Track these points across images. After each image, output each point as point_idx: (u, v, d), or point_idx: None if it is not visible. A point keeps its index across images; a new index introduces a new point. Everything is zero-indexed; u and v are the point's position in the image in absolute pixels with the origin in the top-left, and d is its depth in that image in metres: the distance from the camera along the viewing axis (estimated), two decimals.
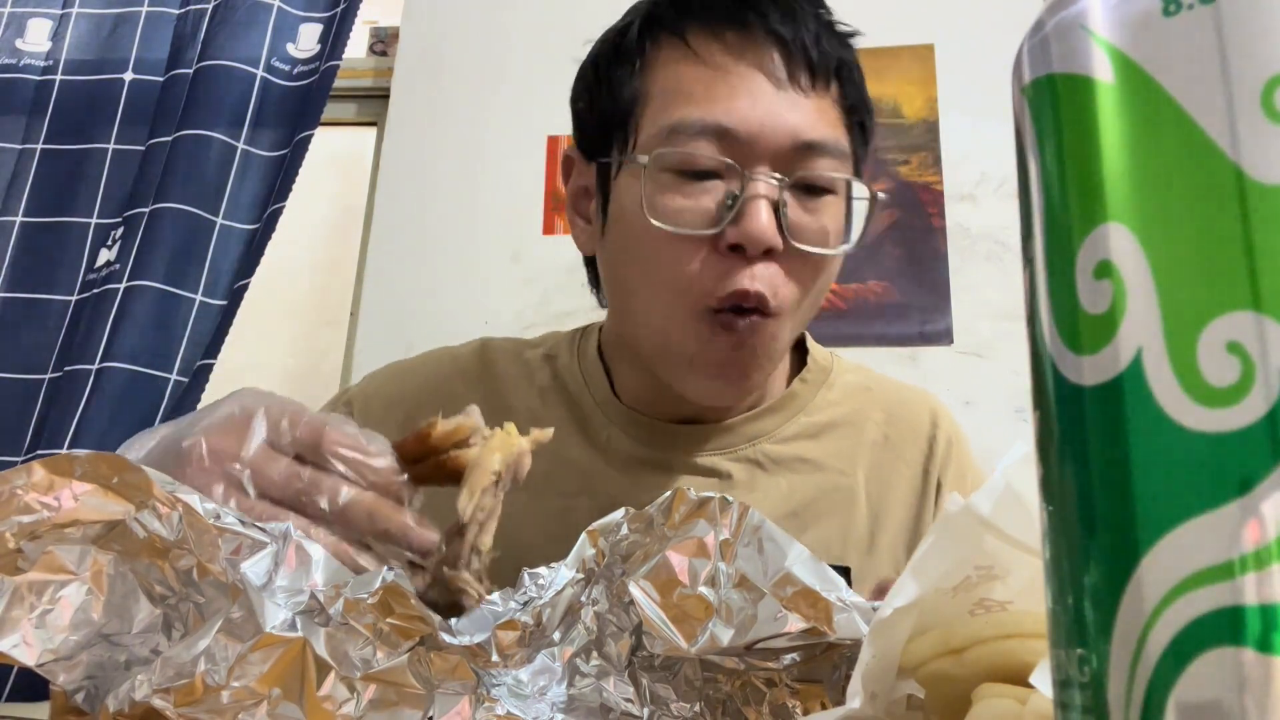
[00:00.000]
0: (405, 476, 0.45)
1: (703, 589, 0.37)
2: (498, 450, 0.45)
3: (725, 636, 0.36)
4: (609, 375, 0.78)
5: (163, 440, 0.45)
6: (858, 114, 0.72)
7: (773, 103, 0.66)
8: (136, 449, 0.45)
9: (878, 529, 0.74)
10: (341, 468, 0.44)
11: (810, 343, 0.82)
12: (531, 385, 0.80)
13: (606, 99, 0.72)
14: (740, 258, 0.65)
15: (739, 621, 0.37)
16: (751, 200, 0.64)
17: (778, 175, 0.65)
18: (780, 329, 0.68)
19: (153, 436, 0.46)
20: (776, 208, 0.64)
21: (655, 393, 0.75)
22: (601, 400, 0.78)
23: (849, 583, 0.70)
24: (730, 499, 0.39)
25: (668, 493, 0.40)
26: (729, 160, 0.65)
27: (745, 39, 0.67)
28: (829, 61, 0.69)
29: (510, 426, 0.48)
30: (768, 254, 0.65)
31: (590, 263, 0.80)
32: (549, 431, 0.49)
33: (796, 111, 0.66)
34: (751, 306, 0.65)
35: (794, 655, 0.37)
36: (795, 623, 0.36)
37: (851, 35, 0.73)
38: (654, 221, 0.65)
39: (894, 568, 0.73)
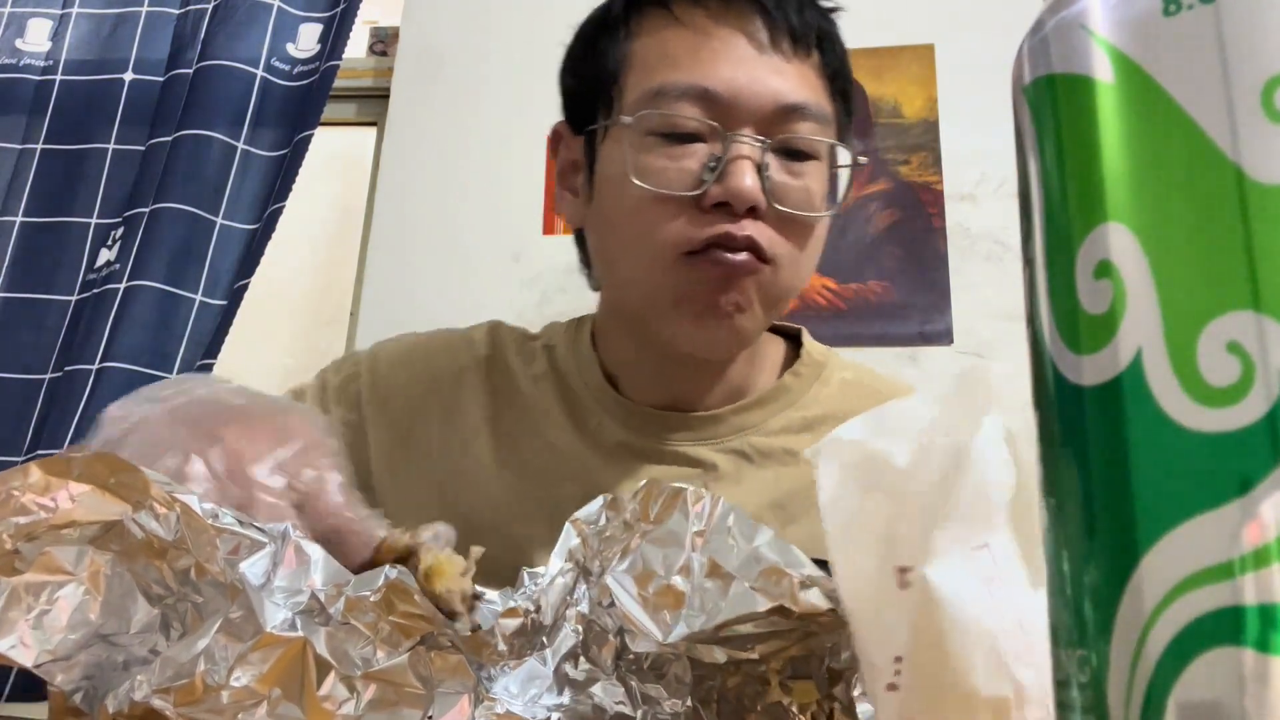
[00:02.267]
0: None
1: (676, 578, 0.37)
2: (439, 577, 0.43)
3: (698, 623, 0.37)
4: (601, 363, 0.79)
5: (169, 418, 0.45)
6: (840, 81, 0.73)
7: (755, 66, 0.67)
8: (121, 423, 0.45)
9: None
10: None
11: (806, 337, 0.82)
12: (529, 372, 0.80)
13: (591, 69, 0.73)
14: (724, 214, 0.65)
15: (709, 607, 0.37)
16: (734, 161, 0.65)
17: (761, 137, 0.66)
18: (775, 279, 0.68)
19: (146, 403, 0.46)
20: (759, 169, 0.65)
21: (644, 372, 0.76)
22: (593, 385, 0.78)
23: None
24: (704, 491, 0.39)
25: (641, 483, 0.40)
26: (712, 122, 0.66)
27: (728, 5, 0.69)
28: (810, 30, 0.70)
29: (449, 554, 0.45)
30: (751, 213, 0.66)
31: (580, 243, 0.80)
32: (479, 550, 0.45)
33: (779, 75, 0.68)
34: (740, 246, 0.66)
35: (767, 644, 0.37)
36: (762, 603, 0.36)
37: (833, 10, 0.74)
38: (636, 181, 0.66)
39: None
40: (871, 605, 0.33)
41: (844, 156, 0.73)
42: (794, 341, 0.82)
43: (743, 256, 0.66)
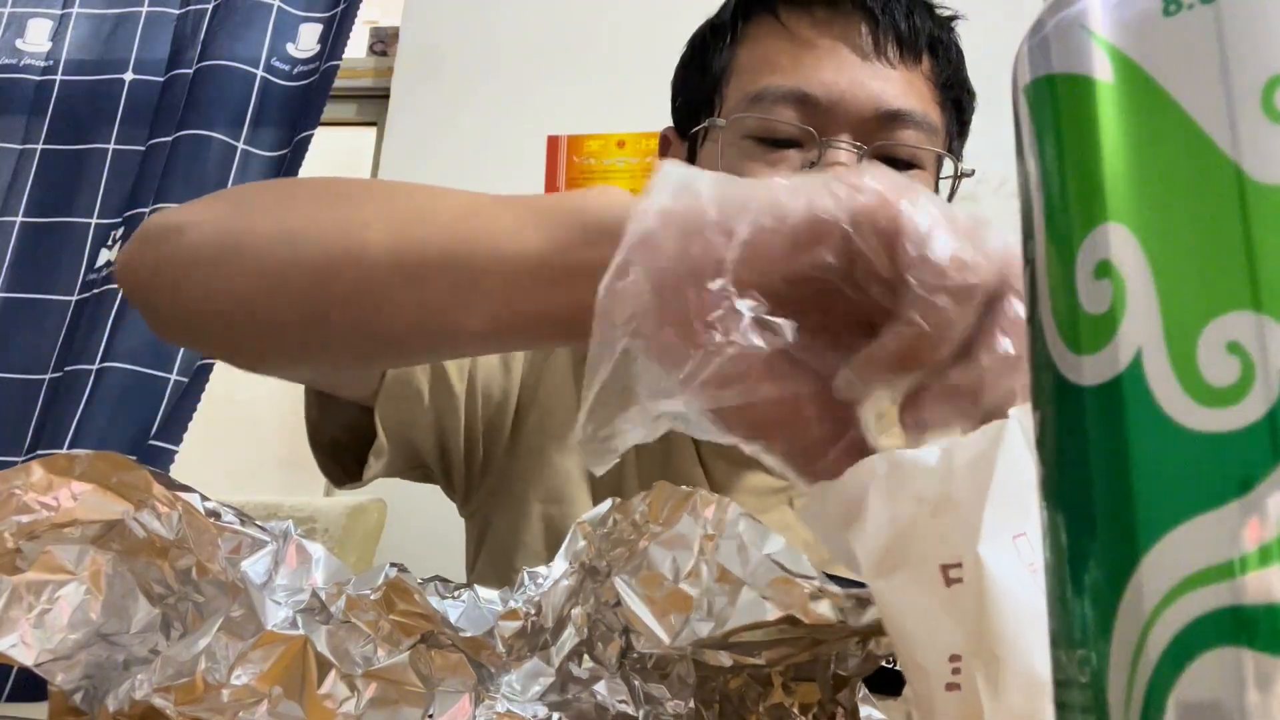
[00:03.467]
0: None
1: (684, 584, 0.37)
2: None
3: (705, 629, 0.36)
4: None
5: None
6: (951, 91, 0.71)
7: (857, 72, 0.65)
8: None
9: None
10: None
11: None
12: None
13: (698, 75, 0.72)
14: None
15: (718, 613, 0.36)
16: (828, 167, 0.63)
17: (859, 144, 0.64)
18: None
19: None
20: None
21: None
22: None
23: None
24: (713, 495, 0.39)
25: (653, 485, 0.40)
26: (808, 127, 0.64)
27: (834, 13, 0.67)
28: (919, 36, 0.68)
29: None
30: None
31: None
32: None
33: (881, 81, 0.66)
34: None
35: (774, 651, 0.37)
36: (772, 611, 0.36)
37: (952, 19, 0.72)
38: None
39: None
40: (919, 615, 0.33)
41: (949, 168, 0.70)
42: None
43: None
